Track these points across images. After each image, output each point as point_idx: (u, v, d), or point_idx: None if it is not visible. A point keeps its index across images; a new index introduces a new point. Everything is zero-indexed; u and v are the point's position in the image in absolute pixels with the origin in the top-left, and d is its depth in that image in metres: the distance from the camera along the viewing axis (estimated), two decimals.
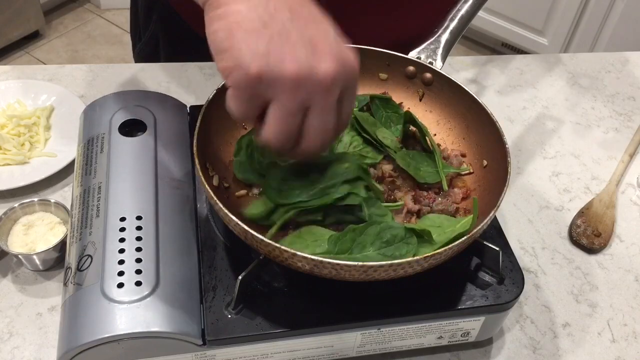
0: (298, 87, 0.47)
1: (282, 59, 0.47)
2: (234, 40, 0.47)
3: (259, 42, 0.46)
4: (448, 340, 0.64)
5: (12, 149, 0.80)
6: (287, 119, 0.49)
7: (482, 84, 1.02)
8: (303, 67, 0.47)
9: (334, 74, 0.48)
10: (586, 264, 0.78)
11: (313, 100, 0.49)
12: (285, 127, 0.50)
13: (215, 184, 0.64)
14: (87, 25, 2.72)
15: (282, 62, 0.47)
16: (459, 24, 0.77)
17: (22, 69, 0.96)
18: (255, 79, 0.47)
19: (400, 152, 0.69)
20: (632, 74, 1.09)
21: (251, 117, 0.51)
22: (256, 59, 0.46)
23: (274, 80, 0.47)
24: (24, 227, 0.71)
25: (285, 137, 0.50)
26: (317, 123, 0.50)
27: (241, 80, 0.47)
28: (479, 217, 0.60)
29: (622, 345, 0.71)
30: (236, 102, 0.49)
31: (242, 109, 0.49)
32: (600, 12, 2.26)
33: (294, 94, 0.48)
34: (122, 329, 0.53)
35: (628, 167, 0.92)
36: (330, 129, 0.51)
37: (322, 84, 0.48)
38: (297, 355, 0.61)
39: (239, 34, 0.47)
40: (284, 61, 0.47)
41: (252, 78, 0.47)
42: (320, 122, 0.50)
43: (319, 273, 0.54)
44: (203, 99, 0.65)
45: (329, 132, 0.52)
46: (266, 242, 0.53)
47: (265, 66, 0.46)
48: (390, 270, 0.53)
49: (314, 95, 0.48)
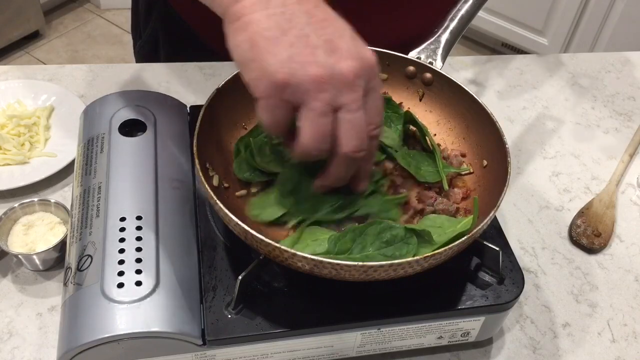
0: (323, 87, 0.49)
1: (304, 62, 0.48)
2: (257, 51, 0.48)
3: (281, 50, 0.48)
4: (448, 340, 0.64)
5: (12, 149, 0.80)
6: (318, 121, 0.50)
7: (482, 84, 1.02)
8: (325, 68, 0.48)
9: (355, 71, 0.49)
10: (586, 264, 0.78)
11: (340, 99, 0.50)
12: (318, 129, 0.51)
13: (215, 184, 0.64)
14: (87, 25, 2.72)
15: (304, 66, 0.48)
16: (459, 24, 0.77)
17: (22, 69, 0.96)
18: (281, 86, 0.48)
19: (401, 152, 0.69)
20: (632, 74, 1.09)
21: (283, 126, 0.52)
22: (280, 67, 0.48)
23: (299, 84, 0.48)
24: (24, 227, 0.71)
25: (320, 140, 0.51)
26: (348, 120, 0.51)
27: (269, 89, 0.49)
28: (479, 217, 0.60)
29: (622, 345, 0.71)
30: (267, 112, 0.50)
31: (273, 117, 0.51)
32: (600, 12, 2.26)
33: (321, 95, 0.49)
34: (122, 329, 0.53)
35: (628, 167, 0.92)
36: (362, 126, 0.52)
37: (345, 82, 0.49)
38: (297, 355, 0.61)
39: (260, 44, 0.48)
40: (306, 65, 0.48)
41: (278, 86, 0.48)
42: (351, 119, 0.51)
43: (319, 273, 0.54)
44: (203, 99, 0.65)
45: (362, 129, 0.52)
46: (266, 242, 0.53)
47: (289, 72, 0.48)
48: (390, 270, 0.53)
49: (340, 94, 0.50)
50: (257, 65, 0.49)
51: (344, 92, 0.50)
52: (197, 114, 0.63)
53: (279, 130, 0.52)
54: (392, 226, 0.59)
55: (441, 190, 0.68)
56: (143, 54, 1.06)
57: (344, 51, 0.50)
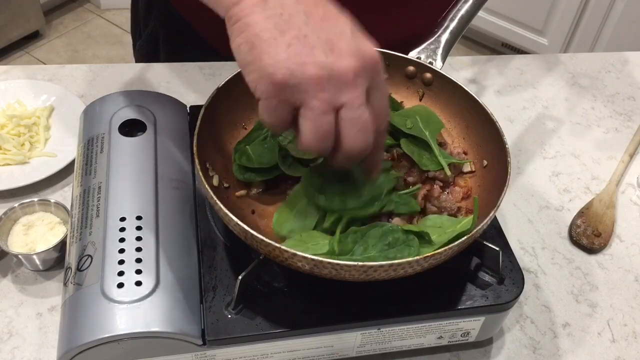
0: (322, 87, 0.49)
1: (303, 63, 0.48)
2: (255, 52, 0.48)
3: (279, 51, 0.48)
4: (448, 340, 0.64)
5: (12, 149, 0.80)
6: (318, 120, 0.50)
7: (482, 84, 1.02)
8: (323, 67, 0.48)
9: (354, 69, 0.49)
10: (586, 264, 0.78)
11: (340, 98, 0.50)
12: (318, 128, 0.51)
13: (216, 184, 0.64)
14: (87, 25, 2.73)
15: (302, 66, 0.48)
16: (459, 24, 0.77)
17: (22, 69, 0.96)
18: (280, 86, 0.48)
19: (405, 139, 0.69)
20: (632, 74, 1.09)
21: (285, 125, 0.52)
22: (278, 67, 0.48)
23: (298, 84, 0.48)
24: (24, 227, 0.71)
25: (321, 138, 0.51)
26: (349, 119, 0.51)
27: (268, 90, 0.49)
28: (479, 217, 0.60)
29: (622, 345, 0.71)
30: (268, 112, 0.51)
31: (274, 117, 0.51)
32: (600, 12, 2.26)
33: (320, 94, 0.49)
34: (122, 329, 0.53)
35: (628, 167, 0.92)
36: (366, 123, 0.52)
37: (345, 80, 0.49)
38: (297, 355, 0.61)
39: (258, 46, 0.48)
40: (304, 65, 0.48)
41: (277, 86, 0.48)
42: (352, 117, 0.51)
43: (319, 273, 0.54)
44: (203, 99, 0.65)
45: (365, 127, 0.52)
46: (266, 242, 0.53)
47: (288, 72, 0.48)
48: (390, 271, 0.53)
49: (340, 93, 0.50)
50: (256, 67, 0.49)
51: (344, 90, 0.50)
52: (197, 114, 0.63)
53: (281, 129, 0.52)
54: (394, 229, 0.59)
55: (445, 185, 0.68)
56: (143, 53, 1.06)
57: (343, 49, 0.50)
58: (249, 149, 0.67)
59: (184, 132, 0.73)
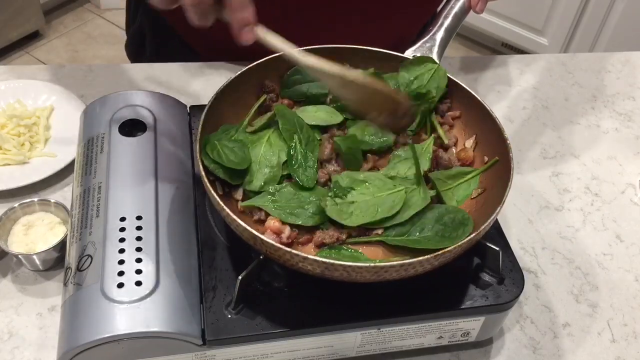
0: None
1: None
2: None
3: None
4: (448, 340, 0.64)
5: (12, 149, 0.80)
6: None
7: (482, 84, 1.02)
8: None
9: None
10: (586, 264, 0.78)
11: None
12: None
13: (221, 193, 0.64)
14: (87, 25, 2.72)
15: None
16: (453, 21, 0.77)
17: (22, 69, 0.96)
18: None
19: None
20: (632, 74, 1.09)
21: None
22: None
23: None
24: (24, 227, 0.71)
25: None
26: None
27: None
28: (483, 217, 0.60)
29: (622, 345, 0.71)
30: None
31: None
32: (600, 12, 2.26)
33: None
34: (122, 329, 0.53)
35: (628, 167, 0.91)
36: None
37: None
38: (297, 355, 0.61)
39: None
40: None
41: None
42: None
43: (330, 276, 0.54)
44: (203, 99, 0.65)
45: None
46: (276, 247, 0.53)
47: None
48: (401, 270, 0.53)
49: None
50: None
51: None
52: (197, 114, 0.63)
53: None
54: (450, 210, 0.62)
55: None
56: (130, 49, 1.07)
57: None
58: (219, 145, 0.64)
59: (184, 132, 0.73)
